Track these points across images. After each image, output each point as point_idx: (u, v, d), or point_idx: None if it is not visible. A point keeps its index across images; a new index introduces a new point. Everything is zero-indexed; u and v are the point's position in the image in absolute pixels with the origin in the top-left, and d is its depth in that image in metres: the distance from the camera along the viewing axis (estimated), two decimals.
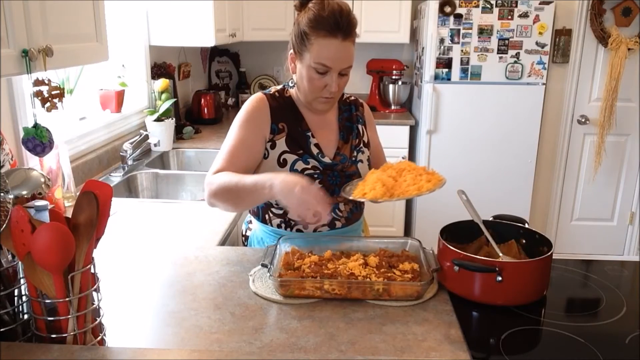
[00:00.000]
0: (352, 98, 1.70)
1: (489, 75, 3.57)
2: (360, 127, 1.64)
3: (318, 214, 1.24)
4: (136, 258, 1.45)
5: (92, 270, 1.02)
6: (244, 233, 1.75)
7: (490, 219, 1.41)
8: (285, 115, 1.55)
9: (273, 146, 1.52)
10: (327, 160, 1.54)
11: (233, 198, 1.40)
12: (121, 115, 2.77)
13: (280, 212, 1.56)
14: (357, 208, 1.62)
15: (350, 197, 1.38)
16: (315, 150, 1.54)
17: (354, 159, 1.59)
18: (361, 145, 1.62)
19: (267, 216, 1.59)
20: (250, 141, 1.51)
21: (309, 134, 1.55)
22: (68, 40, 1.38)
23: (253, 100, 1.56)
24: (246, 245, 1.71)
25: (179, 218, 1.92)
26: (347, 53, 1.44)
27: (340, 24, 1.40)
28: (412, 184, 1.34)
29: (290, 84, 1.59)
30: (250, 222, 1.71)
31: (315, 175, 1.52)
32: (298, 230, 1.56)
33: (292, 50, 1.50)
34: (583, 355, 1.05)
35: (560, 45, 3.69)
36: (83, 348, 0.97)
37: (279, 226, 1.57)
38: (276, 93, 1.58)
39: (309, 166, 1.52)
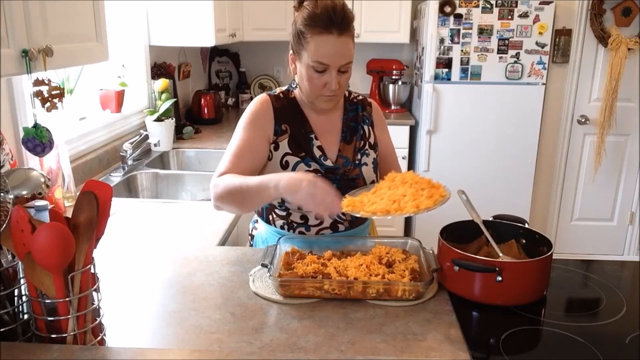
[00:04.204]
0: (360, 97, 1.67)
1: (489, 75, 3.57)
2: (366, 127, 1.62)
3: (330, 205, 1.26)
4: (136, 258, 1.45)
5: (92, 270, 1.02)
6: (250, 232, 1.75)
7: (490, 219, 1.40)
8: (288, 116, 1.54)
9: (276, 148, 1.52)
10: (329, 163, 1.53)
11: (238, 199, 1.41)
12: (121, 115, 2.77)
13: (284, 213, 1.55)
14: None
15: (343, 211, 1.31)
16: (317, 153, 1.53)
17: (357, 162, 1.57)
18: (366, 147, 1.60)
19: (270, 217, 1.59)
20: (254, 142, 1.51)
21: (312, 136, 1.54)
22: (68, 40, 1.38)
23: (256, 102, 1.56)
24: (252, 245, 1.71)
25: (179, 218, 1.92)
26: (345, 49, 1.43)
27: (335, 20, 1.39)
28: (411, 200, 1.29)
29: (294, 85, 1.59)
30: (257, 221, 1.70)
31: None
32: (300, 233, 1.55)
33: (291, 51, 1.50)
34: (583, 355, 1.05)
35: (560, 45, 3.69)
36: (83, 348, 0.97)
37: (282, 227, 1.57)
38: (281, 94, 1.58)
39: (311, 169, 1.51)
